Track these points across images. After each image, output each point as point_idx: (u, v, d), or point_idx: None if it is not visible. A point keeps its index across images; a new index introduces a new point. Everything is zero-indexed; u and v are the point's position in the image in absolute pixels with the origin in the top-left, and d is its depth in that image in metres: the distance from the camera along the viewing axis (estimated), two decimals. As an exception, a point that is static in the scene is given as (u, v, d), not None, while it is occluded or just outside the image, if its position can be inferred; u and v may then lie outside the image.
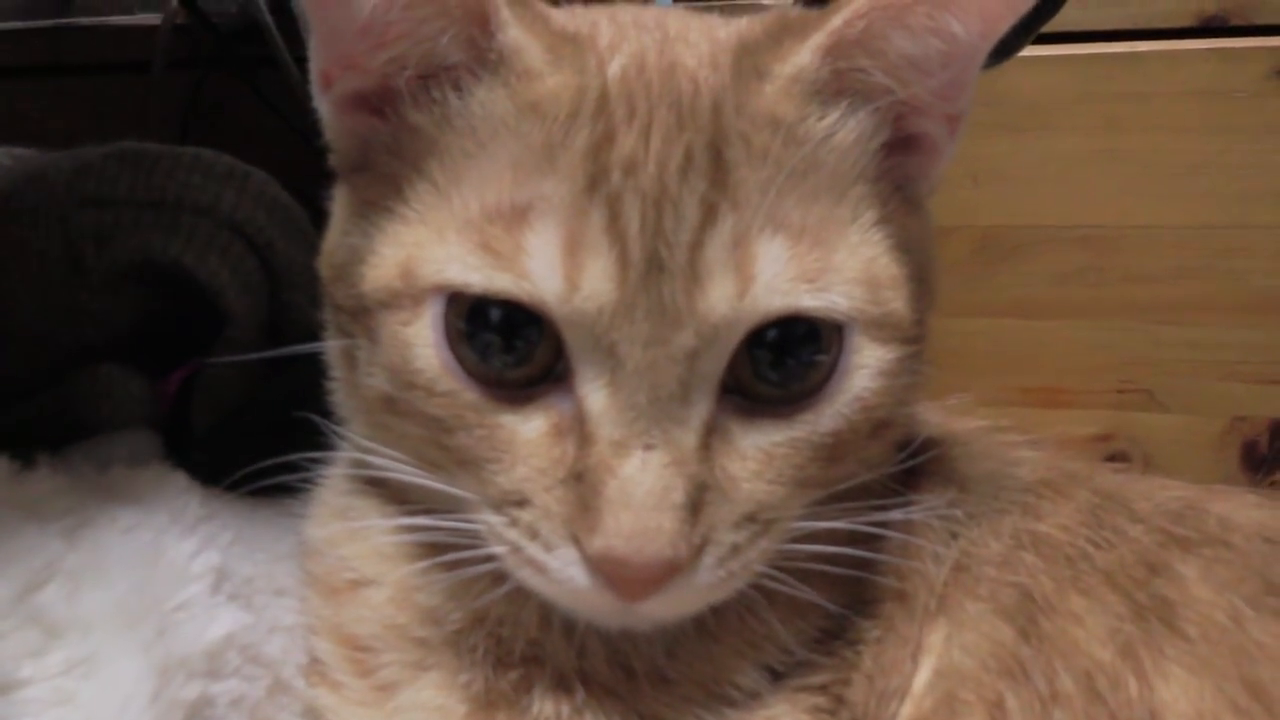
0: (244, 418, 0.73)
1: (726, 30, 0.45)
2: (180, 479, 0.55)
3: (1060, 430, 1.11)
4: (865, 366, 0.42)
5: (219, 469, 0.58)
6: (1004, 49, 0.69)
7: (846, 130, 0.43)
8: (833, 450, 0.42)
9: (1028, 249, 1.12)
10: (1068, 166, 1.09)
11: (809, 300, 0.40)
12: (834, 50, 0.42)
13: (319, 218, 0.51)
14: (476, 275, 0.39)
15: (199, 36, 1.14)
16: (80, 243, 0.68)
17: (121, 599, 0.44)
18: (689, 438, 0.39)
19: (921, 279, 0.45)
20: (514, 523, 0.41)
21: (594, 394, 0.40)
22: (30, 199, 0.69)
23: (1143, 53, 1.07)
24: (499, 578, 0.44)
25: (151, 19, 1.19)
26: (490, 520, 0.42)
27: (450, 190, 0.42)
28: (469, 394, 0.41)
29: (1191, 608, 0.42)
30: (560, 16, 0.44)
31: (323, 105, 0.47)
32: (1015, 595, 0.45)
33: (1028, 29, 0.67)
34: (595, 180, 0.39)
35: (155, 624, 0.44)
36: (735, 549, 0.40)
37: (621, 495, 0.38)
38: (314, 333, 0.52)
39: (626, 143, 0.40)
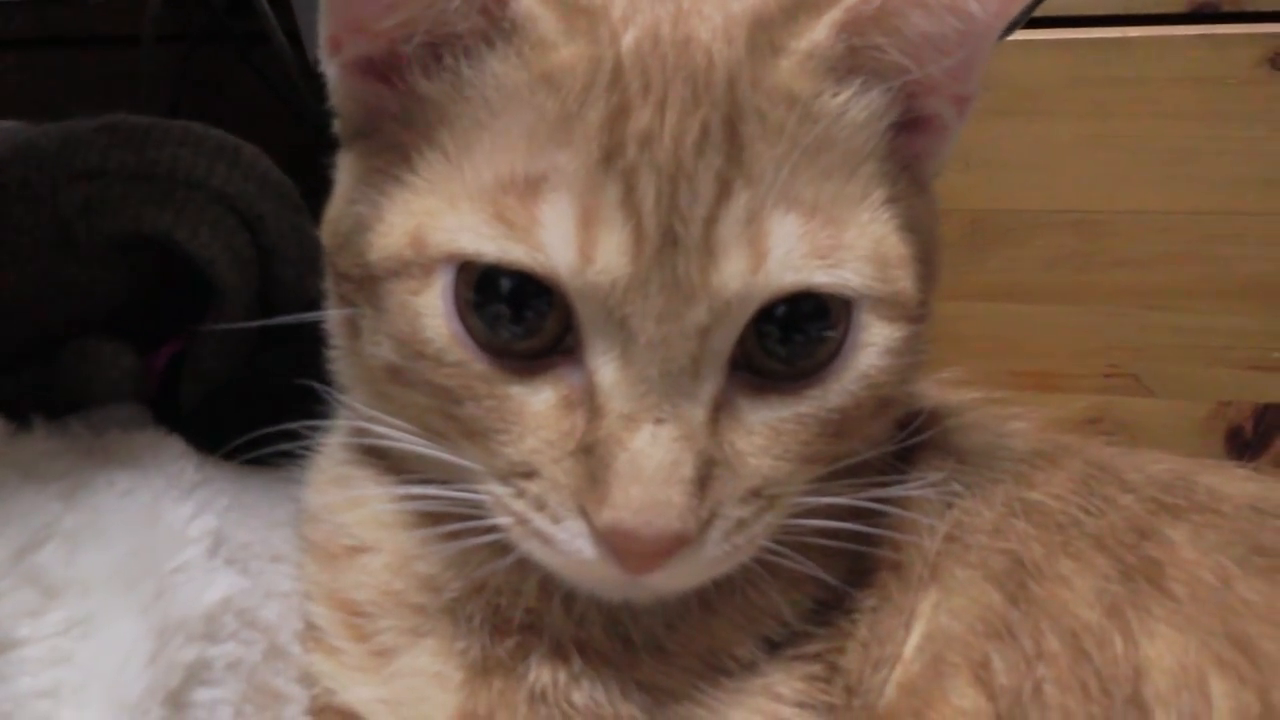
0: (231, 392, 0.73)
1: (741, 2, 0.45)
2: (176, 444, 0.55)
3: (1048, 413, 1.12)
4: (873, 344, 0.42)
5: (207, 443, 0.58)
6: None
7: (859, 108, 0.43)
8: (839, 426, 0.42)
9: (1018, 233, 1.13)
10: (1058, 151, 1.10)
11: (821, 276, 0.40)
12: (850, 26, 0.42)
13: (309, 192, 0.51)
14: (490, 245, 0.39)
15: (190, 10, 1.14)
16: (70, 215, 0.67)
17: (119, 561, 0.44)
18: (699, 412, 0.39)
19: (926, 259, 0.45)
20: (521, 494, 0.41)
21: (605, 367, 0.39)
22: (19, 171, 0.69)
23: (1134, 38, 1.07)
24: (501, 549, 0.44)
25: (142, -8, 1.18)
26: (496, 491, 0.42)
27: (462, 159, 0.41)
28: (478, 364, 0.41)
29: (1179, 568, 0.43)
30: None
31: (330, 70, 0.46)
32: (1005, 561, 0.45)
33: (1027, 7, 0.68)
34: (610, 153, 0.39)
35: (153, 586, 0.44)
36: (741, 523, 0.41)
37: (631, 468, 0.38)
38: (304, 307, 0.51)
39: (642, 116, 0.39)
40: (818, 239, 0.40)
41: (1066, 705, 0.40)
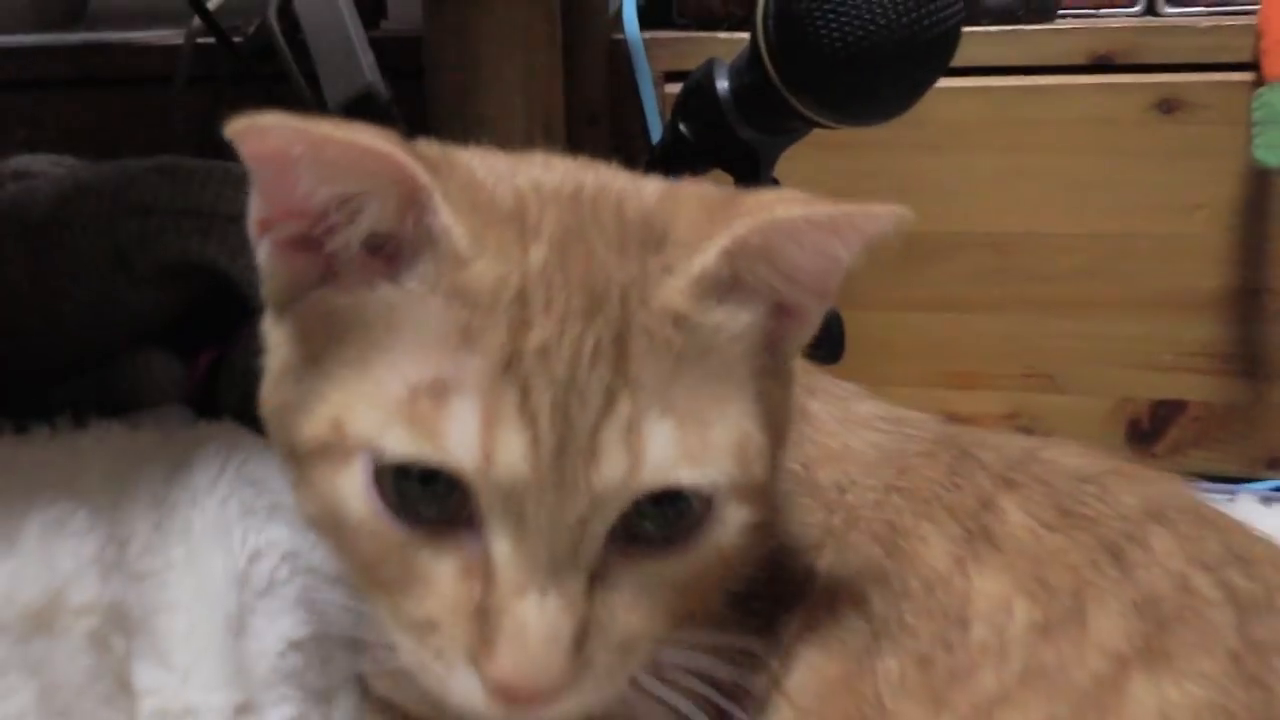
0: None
1: (636, 206, 0.47)
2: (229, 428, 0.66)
3: (974, 409, 1.23)
4: (729, 523, 0.46)
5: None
6: (915, 91, 0.80)
7: (737, 321, 0.46)
8: (697, 589, 0.47)
9: (947, 252, 1.21)
10: (981, 181, 1.19)
11: (687, 478, 0.43)
12: (736, 254, 0.44)
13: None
14: (401, 445, 0.42)
15: (218, 54, 1.21)
16: (126, 245, 0.72)
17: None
18: (577, 583, 0.43)
19: (778, 438, 0.49)
20: (422, 644, 0.45)
21: (500, 545, 0.42)
22: (82, 206, 0.74)
23: (1043, 85, 1.17)
24: None
25: (173, 36, 1.26)
26: (401, 640, 0.46)
27: (374, 358, 0.44)
28: (393, 533, 0.44)
29: (1007, 529, 0.52)
30: (486, 179, 0.46)
31: (260, 250, 0.48)
32: (884, 527, 0.54)
33: (928, 79, 0.79)
34: (511, 364, 0.41)
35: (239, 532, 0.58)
36: (610, 671, 0.44)
37: (517, 634, 0.42)
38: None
39: (542, 331, 0.42)
40: (689, 443, 0.43)
41: (917, 626, 0.50)
